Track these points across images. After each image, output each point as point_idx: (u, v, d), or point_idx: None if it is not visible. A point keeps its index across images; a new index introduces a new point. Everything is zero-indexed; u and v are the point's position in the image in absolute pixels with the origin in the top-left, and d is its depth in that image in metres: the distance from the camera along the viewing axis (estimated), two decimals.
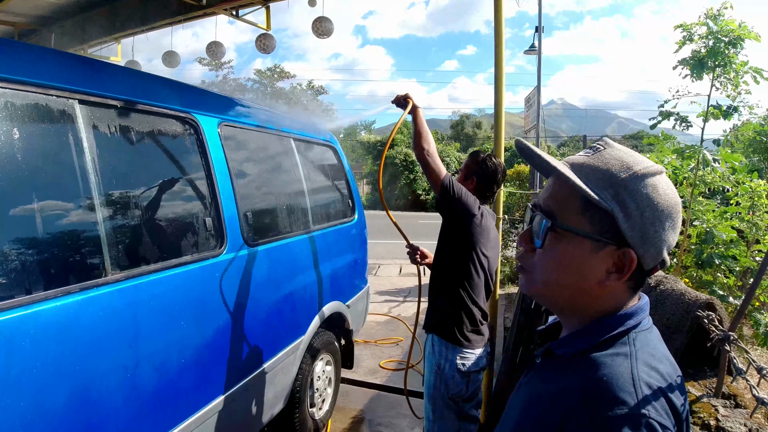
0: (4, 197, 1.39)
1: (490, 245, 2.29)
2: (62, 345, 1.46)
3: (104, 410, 1.60)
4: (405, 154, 27.63)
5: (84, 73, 1.74)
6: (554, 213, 0.77)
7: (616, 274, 0.75)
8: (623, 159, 0.77)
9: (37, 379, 1.37)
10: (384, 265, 9.61)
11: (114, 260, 1.69)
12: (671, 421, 0.66)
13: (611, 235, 0.73)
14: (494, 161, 2.34)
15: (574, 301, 0.78)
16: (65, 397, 1.46)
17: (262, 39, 6.72)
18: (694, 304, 2.47)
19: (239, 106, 2.76)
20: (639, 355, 0.72)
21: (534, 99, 12.93)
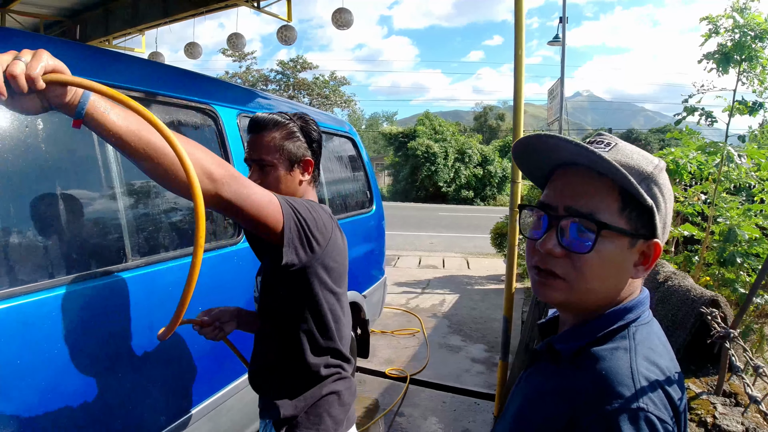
0: (28, 187, 1.45)
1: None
2: (84, 325, 1.52)
3: (117, 391, 1.66)
4: (426, 146, 27.50)
5: (105, 66, 1.80)
6: (596, 215, 0.72)
7: (642, 266, 0.76)
8: (641, 154, 0.78)
9: (57, 359, 1.44)
10: (403, 256, 9.64)
11: (134, 247, 1.75)
12: (669, 415, 0.67)
13: (645, 229, 0.75)
14: (308, 117, 1.54)
15: (603, 301, 0.76)
16: (82, 376, 1.52)
17: (283, 30, 6.78)
18: (698, 300, 2.43)
19: (258, 97, 2.80)
20: (638, 349, 0.72)
21: (557, 91, 12.74)
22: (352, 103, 34.65)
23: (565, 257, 0.74)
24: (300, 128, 1.47)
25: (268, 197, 1.15)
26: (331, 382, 1.43)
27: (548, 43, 13.48)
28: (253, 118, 1.47)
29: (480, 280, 7.73)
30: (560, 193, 0.77)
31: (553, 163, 0.81)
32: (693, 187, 4.01)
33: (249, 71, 30.26)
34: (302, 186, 1.49)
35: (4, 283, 1.32)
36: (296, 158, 1.45)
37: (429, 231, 13.78)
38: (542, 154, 0.80)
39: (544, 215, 0.77)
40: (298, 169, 1.46)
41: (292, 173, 1.46)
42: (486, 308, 6.10)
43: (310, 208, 1.30)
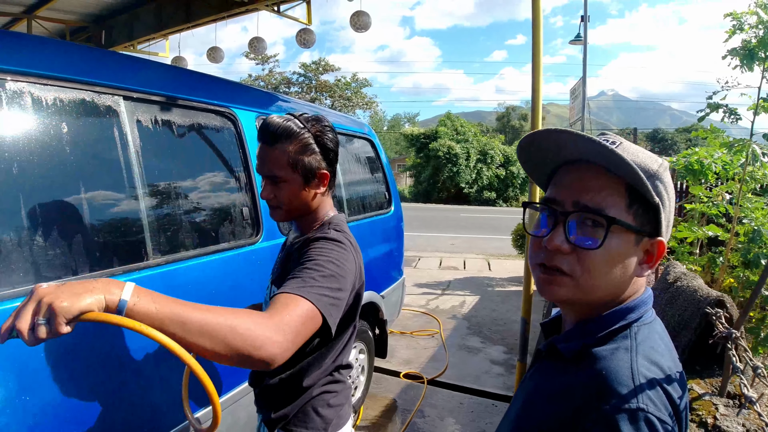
0: (53, 187, 1.51)
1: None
2: None
3: (138, 383, 1.72)
4: (448, 147, 27.40)
5: (127, 71, 1.86)
6: (604, 211, 0.72)
7: (646, 264, 0.76)
8: (644, 151, 0.79)
9: (85, 353, 1.50)
10: (424, 257, 9.64)
11: (155, 246, 1.80)
12: (669, 414, 0.67)
13: (650, 227, 0.75)
14: (325, 122, 1.38)
15: (607, 299, 0.76)
16: (105, 371, 1.58)
17: (302, 33, 6.86)
18: (704, 300, 2.39)
19: (277, 100, 2.84)
20: (640, 348, 0.72)
21: (579, 90, 12.56)
22: (373, 104, 34.77)
23: (572, 253, 0.74)
24: (315, 138, 1.33)
25: (306, 313, 1.06)
26: (324, 384, 1.39)
27: (570, 42, 13.32)
28: (264, 124, 1.33)
29: (501, 281, 7.68)
30: (567, 189, 0.77)
31: (557, 161, 0.81)
32: (717, 187, 3.93)
33: (271, 74, 30.61)
34: (317, 198, 1.37)
35: (29, 280, 1.38)
36: (312, 173, 1.33)
37: (450, 232, 13.74)
38: (547, 152, 0.80)
39: (550, 211, 0.77)
40: (313, 182, 1.34)
41: (308, 188, 1.34)
42: (506, 310, 6.06)
43: (338, 273, 1.18)
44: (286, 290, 1.09)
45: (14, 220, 1.37)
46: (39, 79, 1.49)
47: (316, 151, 1.33)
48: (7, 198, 1.37)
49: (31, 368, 1.37)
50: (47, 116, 1.51)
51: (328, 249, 1.23)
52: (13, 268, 1.35)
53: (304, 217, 1.39)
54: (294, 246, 1.40)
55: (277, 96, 2.94)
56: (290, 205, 1.34)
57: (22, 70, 1.45)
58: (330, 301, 1.13)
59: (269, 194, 1.34)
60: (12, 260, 1.35)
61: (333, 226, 1.35)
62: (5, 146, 1.38)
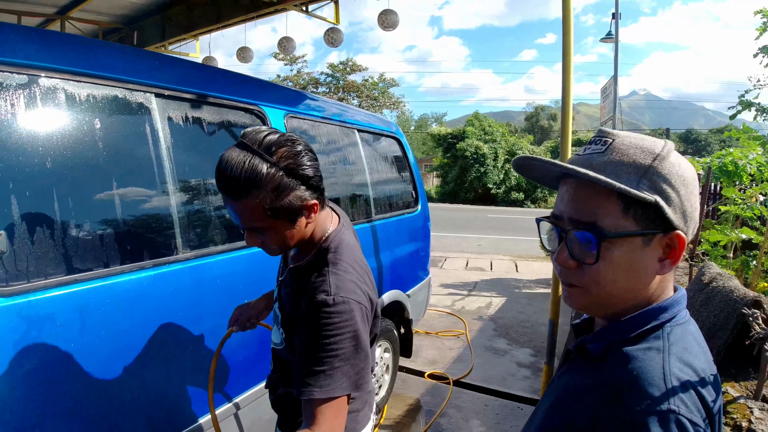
0: (87, 182, 1.55)
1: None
2: (135, 314, 1.62)
3: (165, 374, 1.75)
4: (475, 147, 27.19)
5: (159, 69, 1.89)
6: (597, 223, 0.71)
7: (669, 260, 0.74)
8: (640, 144, 0.75)
9: (110, 343, 1.54)
10: (451, 258, 9.58)
11: (185, 241, 1.84)
12: (702, 417, 0.65)
13: (656, 224, 0.72)
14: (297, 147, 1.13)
15: (630, 302, 0.75)
16: (130, 360, 1.61)
17: (330, 33, 6.91)
18: (740, 301, 2.31)
19: (305, 99, 2.86)
20: (672, 349, 0.70)
21: (611, 89, 12.30)
22: (401, 104, 34.75)
23: (578, 267, 0.75)
24: (289, 172, 1.10)
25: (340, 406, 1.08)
26: None
27: (601, 39, 13.05)
28: (220, 169, 1.08)
29: (528, 283, 7.58)
30: (564, 204, 0.77)
31: (556, 173, 0.80)
32: (751, 188, 3.80)
33: (299, 75, 30.89)
34: (310, 226, 1.22)
35: (62, 270, 1.43)
36: (296, 212, 1.14)
37: (477, 233, 13.63)
38: (542, 170, 0.80)
39: (555, 227, 0.78)
40: (301, 218, 1.17)
41: (297, 224, 1.17)
42: (534, 312, 5.98)
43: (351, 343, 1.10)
44: (315, 395, 1.05)
45: (50, 213, 1.41)
46: (73, 76, 1.54)
47: (296, 186, 1.12)
48: (43, 192, 1.41)
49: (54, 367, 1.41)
50: (81, 112, 1.55)
51: (331, 325, 1.09)
52: (49, 259, 1.40)
53: (301, 242, 1.24)
54: (296, 274, 1.27)
55: (305, 94, 2.96)
56: (284, 245, 1.20)
57: (57, 67, 1.49)
58: (356, 376, 1.11)
59: (255, 243, 1.18)
60: (48, 252, 1.39)
61: (330, 256, 1.21)
62: (41, 141, 1.43)
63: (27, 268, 1.34)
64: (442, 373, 4.11)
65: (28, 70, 1.41)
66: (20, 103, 1.39)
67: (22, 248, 1.33)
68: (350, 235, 1.33)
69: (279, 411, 1.42)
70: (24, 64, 1.40)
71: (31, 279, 1.34)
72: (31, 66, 1.42)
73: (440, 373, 4.13)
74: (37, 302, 1.34)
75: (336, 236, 1.26)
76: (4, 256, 1.29)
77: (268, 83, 2.72)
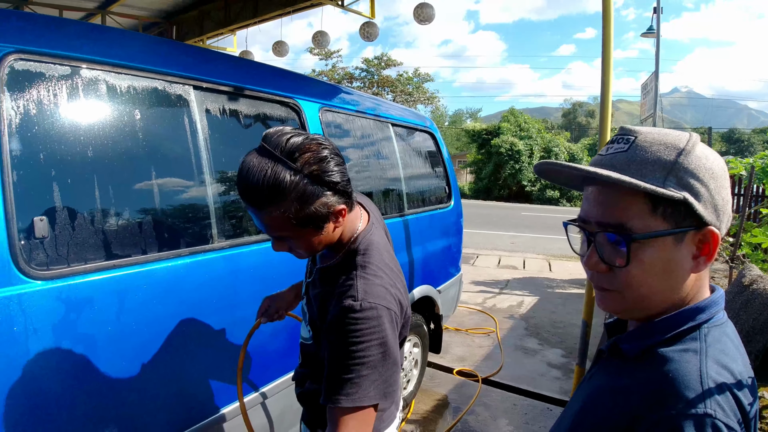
0: (126, 171, 1.60)
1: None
2: (170, 299, 1.66)
3: (200, 358, 1.79)
4: (510, 144, 26.82)
5: (197, 62, 1.93)
6: (626, 224, 0.70)
7: (703, 257, 0.71)
8: (664, 140, 0.72)
9: (147, 327, 1.58)
10: (483, 255, 9.49)
11: (220, 230, 1.87)
12: (737, 420, 0.63)
13: (687, 221, 0.69)
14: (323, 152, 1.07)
15: (665, 303, 0.73)
16: (162, 344, 1.66)
17: (365, 27, 6.92)
18: None
19: (339, 92, 2.87)
20: (709, 351, 0.68)
21: (651, 85, 11.89)
22: (435, 99, 34.54)
23: (609, 271, 0.73)
24: (312, 179, 1.04)
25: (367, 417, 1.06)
26: None
27: (642, 34, 12.66)
28: (242, 178, 1.03)
29: (562, 283, 7.44)
30: (591, 206, 0.75)
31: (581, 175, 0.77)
32: None
33: (334, 69, 31.04)
34: (338, 229, 1.17)
35: (101, 256, 1.48)
36: (323, 218, 1.09)
37: (510, 231, 13.45)
38: (566, 173, 0.78)
39: (584, 231, 0.76)
40: (329, 224, 1.13)
41: (324, 230, 1.13)
42: (566, 313, 5.87)
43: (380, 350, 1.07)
44: (341, 404, 1.03)
45: (90, 200, 1.46)
46: (114, 68, 1.58)
47: (322, 193, 1.06)
48: (83, 179, 1.46)
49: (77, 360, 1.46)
50: (122, 103, 1.60)
51: (358, 332, 1.05)
52: (89, 245, 1.44)
53: (329, 246, 1.21)
54: (324, 275, 1.26)
55: (339, 88, 2.97)
56: (312, 250, 1.17)
57: (98, 59, 1.54)
58: (384, 385, 1.08)
59: (282, 249, 1.16)
60: (87, 237, 1.44)
61: (359, 259, 1.18)
62: (82, 131, 1.47)
63: (67, 252, 1.39)
64: (470, 371, 4.08)
65: (70, 62, 1.46)
66: (63, 94, 1.44)
67: (63, 234, 1.38)
68: (380, 234, 1.30)
69: (305, 405, 1.41)
70: (66, 55, 1.45)
71: (71, 263, 1.39)
72: (73, 57, 1.47)
73: (469, 370, 4.10)
74: (77, 286, 1.39)
75: (365, 237, 1.23)
76: (45, 241, 1.34)
77: (304, 77, 2.74)
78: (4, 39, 1.32)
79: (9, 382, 1.25)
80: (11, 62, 1.32)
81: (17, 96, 1.33)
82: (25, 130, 1.33)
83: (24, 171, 1.31)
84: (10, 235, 1.25)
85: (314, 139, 1.07)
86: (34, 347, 1.29)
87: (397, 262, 1.29)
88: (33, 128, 1.35)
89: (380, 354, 1.06)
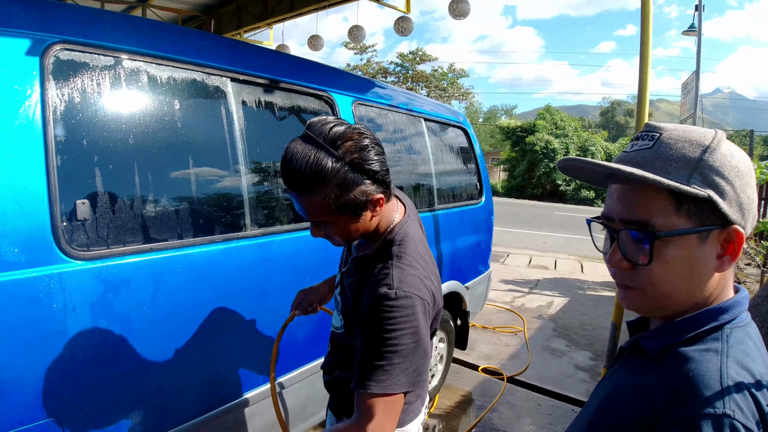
0: (165, 158, 1.65)
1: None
2: (204, 283, 1.71)
3: (230, 342, 1.84)
4: (545, 142, 26.36)
5: (234, 55, 1.98)
6: (649, 222, 0.69)
7: (727, 256, 0.70)
8: (689, 137, 0.71)
9: (181, 308, 1.64)
10: (513, 254, 9.40)
11: (253, 218, 1.91)
12: (756, 423, 0.62)
13: (712, 220, 0.68)
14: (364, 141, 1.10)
15: (687, 302, 0.72)
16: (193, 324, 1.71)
17: (400, 21, 6.92)
18: None
19: (373, 86, 2.89)
20: (731, 352, 0.67)
21: (692, 85, 11.48)
22: (470, 95, 34.21)
23: (633, 269, 0.72)
24: (355, 167, 1.07)
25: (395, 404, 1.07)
26: None
27: (683, 32, 12.24)
28: (286, 163, 1.06)
29: (593, 285, 7.30)
30: (614, 203, 0.74)
31: (605, 173, 0.76)
32: None
33: (369, 63, 31.05)
34: (375, 218, 1.19)
35: (139, 239, 1.54)
36: (362, 206, 1.12)
37: (543, 230, 13.25)
38: (591, 170, 0.77)
39: (607, 228, 0.76)
40: (366, 212, 1.15)
41: (362, 218, 1.15)
42: (597, 315, 5.76)
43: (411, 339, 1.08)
44: (371, 390, 1.05)
45: (130, 186, 1.52)
46: (154, 59, 1.64)
47: (361, 181, 1.09)
48: (124, 166, 1.52)
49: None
50: (162, 93, 1.66)
51: (392, 319, 1.07)
52: (128, 228, 1.51)
53: (366, 233, 1.23)
54: (360, 265, 1.27)
55: (373, 82, 2.98)
56: (348, 237, 1.19)
57: (139, 50, 1.59)
58: (414, 374, 1.09)
59: (319, 234, 1.19)
60: (127, 221, 1.50)
61: (395, 249, 1.20)
62: (124, 119, 1.53)
63: (107, 235, 1.45)
64: (496, 369, 4.06)
65: (112, 52, 1.52)
66: (105, 83, 1.50)
67: (103, 217, 1.44)
68: (416, 226, 1.32)
69: (333, 392, 1.43)
70: (109, 46, 1.51)
71: (110, 245, 1.45)
72: (115, 48, 1.53)
73: (494, 368, 4.08)
74: (115, 267, 1.45)
75: (401, 228, 1.24)
76: (87, 223, 1.40)
77: (338, 70, 2.76)
78: (50, 29, 1.38)
79: (46, 355, 1.32)
80: (57, 52, 1.38)
81: (62, 84, 1.39)
82: (68, 117, 1.39)
83: (67, 156, 1.38)
84: (53, 216, 1.32)
85: (356, 129, 1.10)
86: (72, 324, 1.36)
87: (431, 254, 1.31)
88: (76, 116, 1.42)
89: (413, 343, 1.08)
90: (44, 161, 1.31)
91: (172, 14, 7.63)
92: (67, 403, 1.37)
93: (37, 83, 1.32)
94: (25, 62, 1.31)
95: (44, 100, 1.33)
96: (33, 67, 1.32)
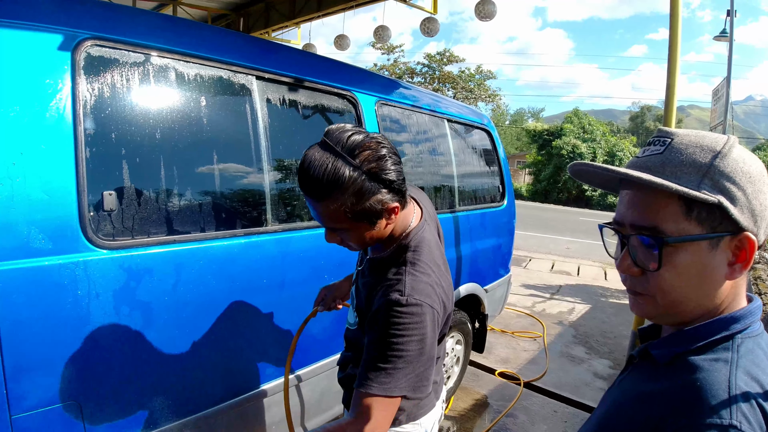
0: (189, 153, 1.69)
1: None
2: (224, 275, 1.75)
3: (248, 334, 1.87)
4: (572, 146, 25.98)
5: (260, 53, 2.01)
6: (659, 227, 0.69)
7: (739, 264, 0.69)
8: (700, 142, 0.70)
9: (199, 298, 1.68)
10: (536, 259, 9.29)
11: (274, 214, 1.94)
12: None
13: (723, 226, 0.68)
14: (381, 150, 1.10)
15: (698, 310, 0.72)
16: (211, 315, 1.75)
17: (426, 22, 6.92)
18: None
19: (397, 87, 2.90)
20: (741, 362, 0.66)
21: (723, 92, 11.14)
22: (497, 97, 33.90)
23: (643, 275, 0.72)
24: (370, 176, 1.07)
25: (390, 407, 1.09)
26: None
27: (714, 38, 11.91)
28: (304, 169, 1.06)
29: (616, 293, 7.18)
30: (625, 209, 0.74)
31: (617, 178, 0.76)
32: None
33: (396, 64, 31.02)
34: (389, 226, 1.20)
35: (163, 231, 1.58)
36: (377, 214, 1.13)
37: (567, 235, 13.07)
38: (602, 176, 0.77)
39: (618, 234, 0.76)
40: (381, 220, 1.16)
41: (377, 225, 1.16)
42: (618, 323, 5.66)
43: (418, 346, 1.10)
44: (372, 390, 1.07)
45: (155, 179, 1.57)
46: (183, 57, 1.68)
47: (377, 190, 1.10)
48: (150, 159, 1.56)
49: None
50: (189, 90, 1.70)
51: (401, 325, 1.09)
52: (152, 220, 1.55)
53: (381, 240, 1.25)
54: (374, 266, 1.29)
55: (397, 82, 2.99)
56: (363, 243, 1.21)
57: (168, 48, 1.64)
58: (416, 380, 1.11)
59: (334, 240, 1.20)
60: (151, 213, 1.55)
61: (409, 255, 1.21)
62: (151, 114, 1.58)
63: (132, 225, 1.49)
64: (513, 373, 4.03)
65: (142, 49, 1.56)
66: (134, 79, 1.54)
67: (129, 208, 1.49)
68: (432, 232, 1.33)
69: (347, 389, 1.45)
70: (139, 43, 1.55)
71: (135, 236, 1.50)
72: (145, 45, 1.57)
73: (512, 372, 4.05)
74: (138, 257, 1.49)
75: (417, 234, 1.26)
76: (113, 213, 1.44)
77: (362, 70, 2.78)
78: (82, 26, 1.43)
79: (70, 340, 1.37)
80: (88, 48, 1.43)
81: (92, 79, 1.44)
82: (98, 111, 1.44)
83: (96, 149, 1.43)
84: (80, 206, 1.37)
85: (374, 138, 1.11)
86: (95, 310, 1.41)
87: (445, 260, 1.31)
88: (106, 110, 1.46)
89: (418, 350, 1.10)
90: (74, 153, 1.36)
91: (202, 12, 7.77)
92: (88, 387, 1.42)
93: (68, 78, 1.37)
94: (58, 57, 1.36)
95: (75, 94, 1.38)
96: (65, 62, 1.37)
